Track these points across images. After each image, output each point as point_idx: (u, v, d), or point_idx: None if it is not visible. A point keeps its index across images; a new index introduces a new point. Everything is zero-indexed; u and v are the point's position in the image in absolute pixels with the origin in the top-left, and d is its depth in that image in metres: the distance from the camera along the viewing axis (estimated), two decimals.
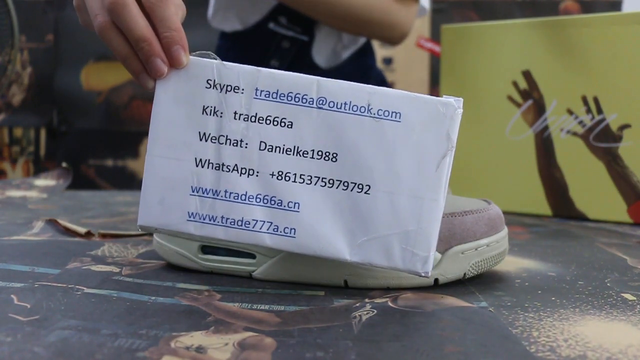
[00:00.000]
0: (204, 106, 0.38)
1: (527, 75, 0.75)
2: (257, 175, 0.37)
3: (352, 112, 0.37)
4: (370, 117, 0.37)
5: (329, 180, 0.37)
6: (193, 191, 0.38)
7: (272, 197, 0.37)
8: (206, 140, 0.38)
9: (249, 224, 0.37)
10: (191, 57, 0.38)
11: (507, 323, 0.34)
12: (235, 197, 0.37)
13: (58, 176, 0.95)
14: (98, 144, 1.86)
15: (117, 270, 0.43)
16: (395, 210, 0.37)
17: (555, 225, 0.69)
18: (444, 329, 0.32)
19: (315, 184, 0.37)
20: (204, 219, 0.38)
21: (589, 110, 0.72)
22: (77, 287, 0.39)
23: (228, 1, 0.94)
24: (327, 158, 0.37)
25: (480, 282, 0.42)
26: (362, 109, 0.37)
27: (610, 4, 1.85)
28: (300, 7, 0.84)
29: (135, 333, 0.31)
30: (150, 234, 0.56)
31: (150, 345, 0.29)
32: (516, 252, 0.53)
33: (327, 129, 0.37)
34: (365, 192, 0.37)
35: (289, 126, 0.37)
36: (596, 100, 0.71)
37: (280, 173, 0.37)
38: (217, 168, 0.38)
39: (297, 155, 0.37)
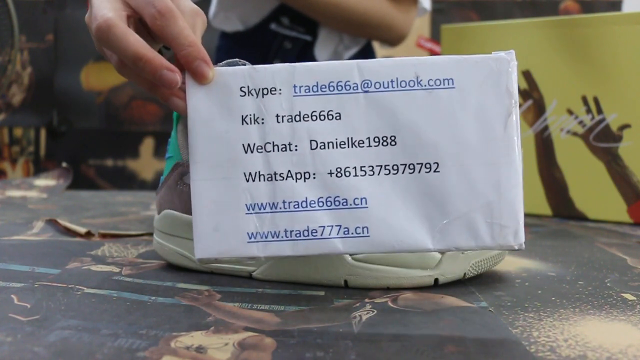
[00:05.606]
0: (242, 116, 0.35)
1: (527, 75, 0.75)
2: (314, 178, 0.34)
3: (401, 88, 0.34)
4: (422, 89, 0.34)
5: (393, 167, 0.34)
6: (248, 209, 0.34)
7: (336, 197, 0.34)
8: (252, 152, 0.35)
9: (316, 232, 0.34)
10: (217, 68, 0.36)
11: (507, 323, 0.34)
12: (296, 206, 0.34)
13: (58, 176, 0.95)
14: (98, 144, 1.86)
15: (117, 270, 0.43)
16: (471, 183, 0.34)
17: (555, 225, 0.69)
18: (444, 329, 0.32)
19: (378, 174, 0.34)
20: (266, 237, 0.34)
21: (589, 110, 0.72)
22: (77, 287, 0.39)
23: (230, 2, 0.94)
24: (385, 143, 0.34)
25: (480, 282, 0.42)
26: (412, 83, 0.34)
27: (610, 4, 1.85)
28: (297, 5, 0.85)
29: (135, 333, 0.31)
30: (150, 234, 0.56)
31: (150, 345, 0.29)
32: (516, 252, 0.53)
33: (379, 112, 0.34)
34: (434, 171, 0.34)
35: (337, 118, 0.34)
36: (596, 100, 0.71)
37: (338, 170, 0.34)
38: (269, 179, 0.35)
39: (352, 147, 0.34)
